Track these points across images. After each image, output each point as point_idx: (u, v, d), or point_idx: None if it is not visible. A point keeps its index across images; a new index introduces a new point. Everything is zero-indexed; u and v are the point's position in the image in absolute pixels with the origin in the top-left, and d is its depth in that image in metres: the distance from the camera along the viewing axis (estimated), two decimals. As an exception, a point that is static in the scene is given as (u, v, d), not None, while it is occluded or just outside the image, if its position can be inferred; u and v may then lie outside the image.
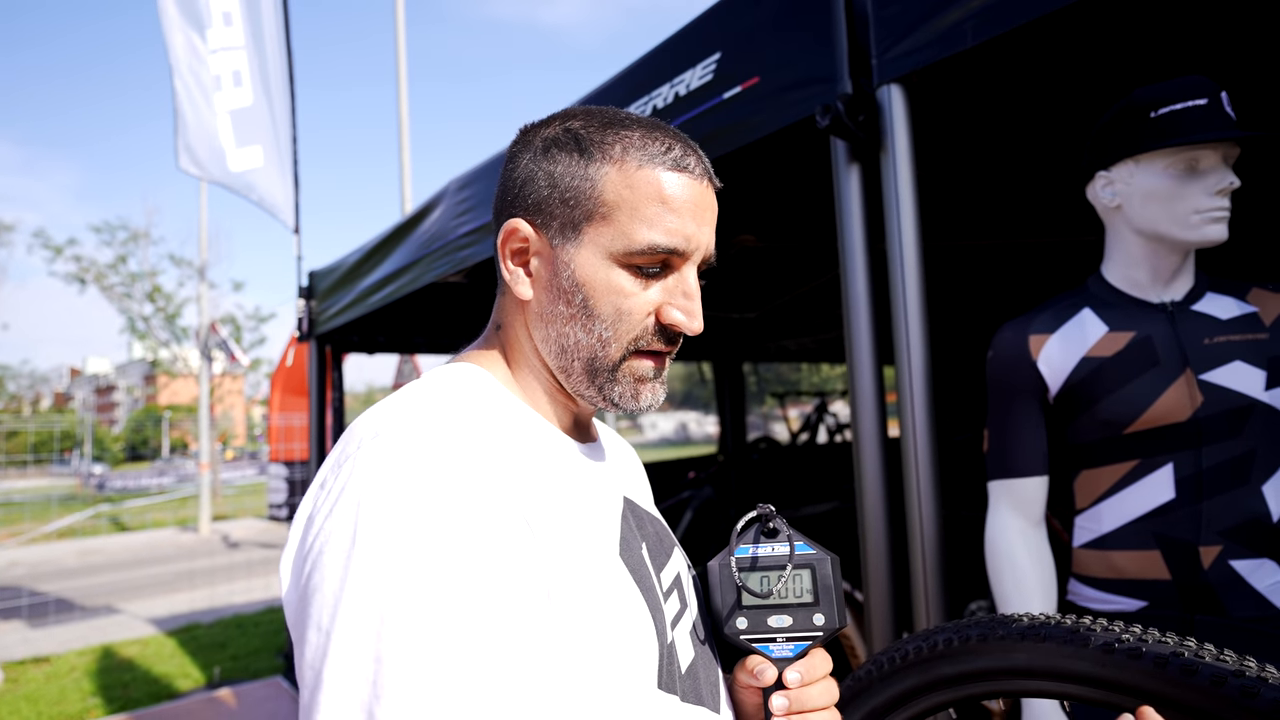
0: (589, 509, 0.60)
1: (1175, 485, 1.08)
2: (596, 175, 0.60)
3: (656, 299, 0.61)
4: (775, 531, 0.66)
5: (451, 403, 0.57)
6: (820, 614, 0.63)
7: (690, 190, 0.61)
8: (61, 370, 65.19)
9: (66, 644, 5.95)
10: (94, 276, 16.83)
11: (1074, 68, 1.66)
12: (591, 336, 0.61)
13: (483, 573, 0.46)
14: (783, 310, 4.65)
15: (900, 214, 1.31)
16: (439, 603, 0.44)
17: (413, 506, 0.47)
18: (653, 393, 0.64)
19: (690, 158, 0.62)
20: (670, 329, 0.62)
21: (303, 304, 4.06)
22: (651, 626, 0.58)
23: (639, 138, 0.61)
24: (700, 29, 1.71)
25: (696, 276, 0.63)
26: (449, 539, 0.46)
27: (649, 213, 0.59)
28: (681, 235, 0.60)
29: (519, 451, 0.57)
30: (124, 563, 10.17)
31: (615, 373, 0.62)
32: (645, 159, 0.60)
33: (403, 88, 8.43)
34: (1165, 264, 1.15)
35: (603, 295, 0.60)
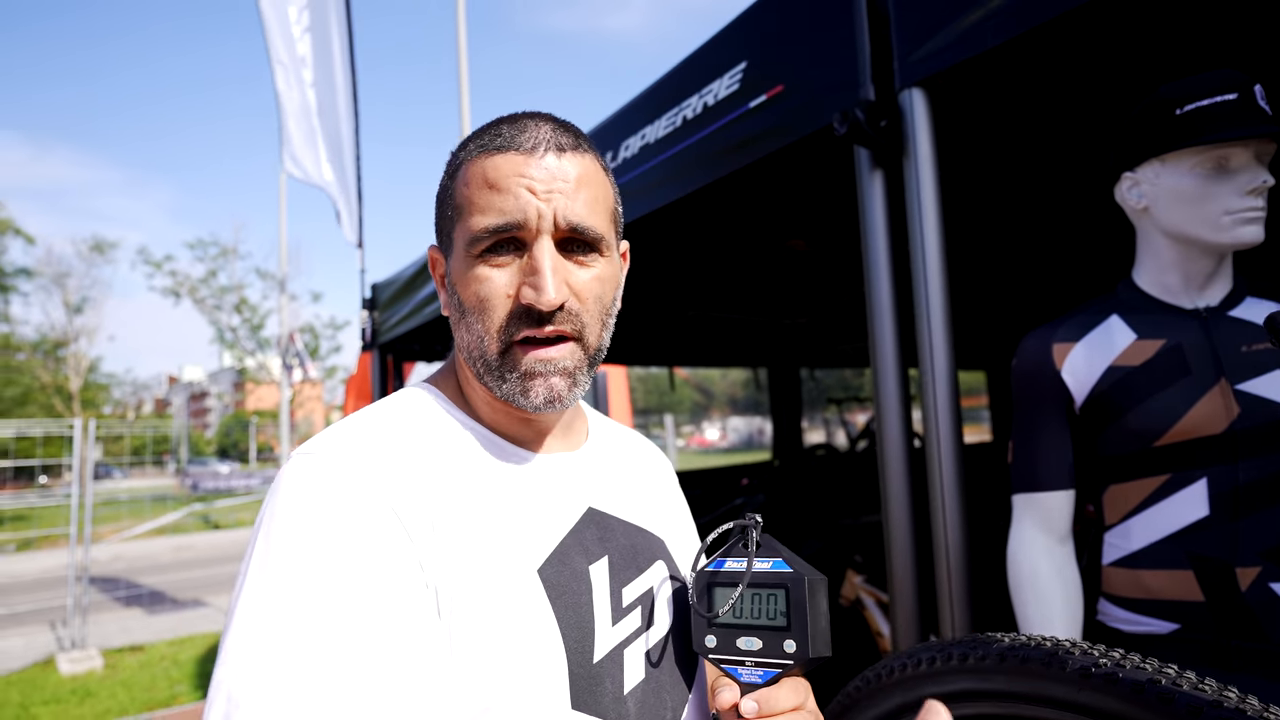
0: (518, 520, 0.60)
1: (1209, 501, 1.02)
2: (451, 185, 0.64)
3: (513, 281, 0.60)
4: (757, 546, 0.61)
5: (378, 424, 0.60)
6: (791, 640, 0.57)
7: (515, 164, 0.60)
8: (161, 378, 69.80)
9: (159, 634, 6.38)
10: (188, 290, 18.05)
11: (1099, 65, 1.58)
12: (472, 334, 0.62)
13: (346, 585, 0.49)
14: (838, 314, 4.57)
15: (923, 220, 1.29)
16: (298, 613, 0.48)
17: (294, 527, 0.51)
18: (547, 388, 0.61)
19: (522, 135, 0.61)
20: (529, 309, 0.60)
21: (365, 315, 4.25)
22: (559, 644, 0.57)
23: (476, 134, 0.63)
24: (727, 39, 1.72)
25: (551, 249, 0.60)
26: (320, 553, 0.50)
27: (480, 200, 0.60)
28: (512, 210, 0.59)
29: (431, 465, 0.59)
30: (213, 559, 10.82)
31: (501, 369, 0.61)
32: (476, 151, 0.62)
33: (465, 103, 8.67)
34: (1198, 268, 1.08)
35: (467, 290, 0.62)
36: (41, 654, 5.81)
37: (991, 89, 1.66)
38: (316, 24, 4.60)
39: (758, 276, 3.67)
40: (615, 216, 0.68)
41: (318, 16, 4.59)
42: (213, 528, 14.75)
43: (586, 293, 0.62)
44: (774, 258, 3.30)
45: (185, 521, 15.10)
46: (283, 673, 0.46)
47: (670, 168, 1.87)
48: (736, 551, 0.62)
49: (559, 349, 0.61)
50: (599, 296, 0.63)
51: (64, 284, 23.28)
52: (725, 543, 0.65)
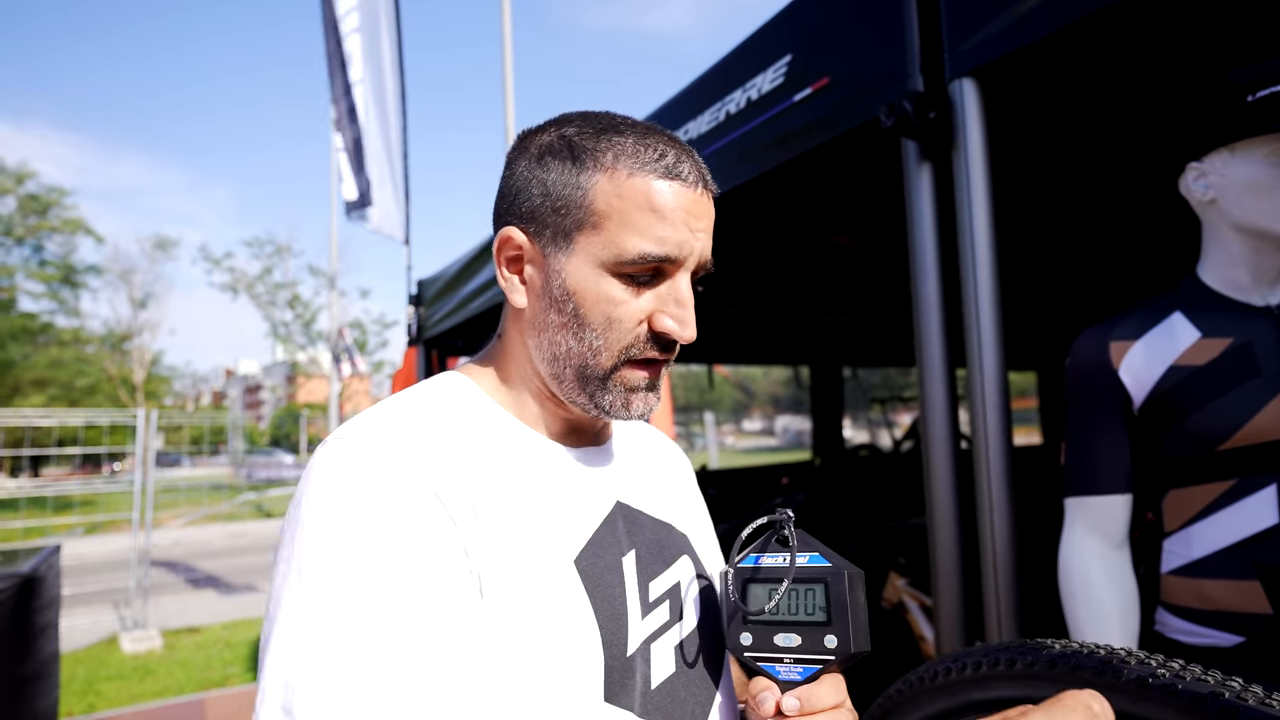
0: (554, 512, 0.61)
1: (1279, 509, 0.97)
2: (588, 184, 0.60)
3: (648, 307, 0.61)
4: (788, 540, 0.60)
5: (417, 411, 0.60)
6: (832, 635, 0.56)
7: (682, 197, 0.60)
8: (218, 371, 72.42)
9: (215, 616, 6.63)
10: (245, 286, 18.72)
11: (1160, 52, 1.51)
12: (583, 345, 0.61)
13: (400, 572, 0.49)
14: (884, 312, 4.48)
15: (973, 215, 1.25)
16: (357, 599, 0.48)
17: (343, 510, 0.51)
18: (644, 402, 0.63)
19: (684, 164, 0.61)
20: (662, 336, 0.61)
21: (412, 310, 4.34)
22: (597, 636, 0.58)
23: (631, 144, 0.60)
24: (771, 32, 1.70)
25: (690, 284, 0.62)
26: (371, 543, 0.50)
27: (639, 221, 0.59)
28: (673, 243, 0.59)
29: (473, 455, 0.59)
30: (265, 545, 11.20)
31: (607, 381, 0.62)
32: (636, 166, 0.59)
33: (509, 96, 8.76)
34: (1269, 263, 1.03)
35: (593, 304, 0.60)
36: (106, 633, 6.10)
37: (1046, 78, 1.61)
38: (366, 24, 4.69)
39: (801, 273, 3.62)
40: None
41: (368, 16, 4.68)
42: (265, 515, 15.26)
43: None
44: (818, 254, 3.25)
45: (239, 509, 15.65)
46: (340, 659, 0.46)
47: (713, 163, 1.86)
48: (771, 547, 0.61)
49: (660, 368, 0.64)
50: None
51: (129, 280, 24.38)
52: (756, 539, 0.64)
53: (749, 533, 0.63)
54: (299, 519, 0.52)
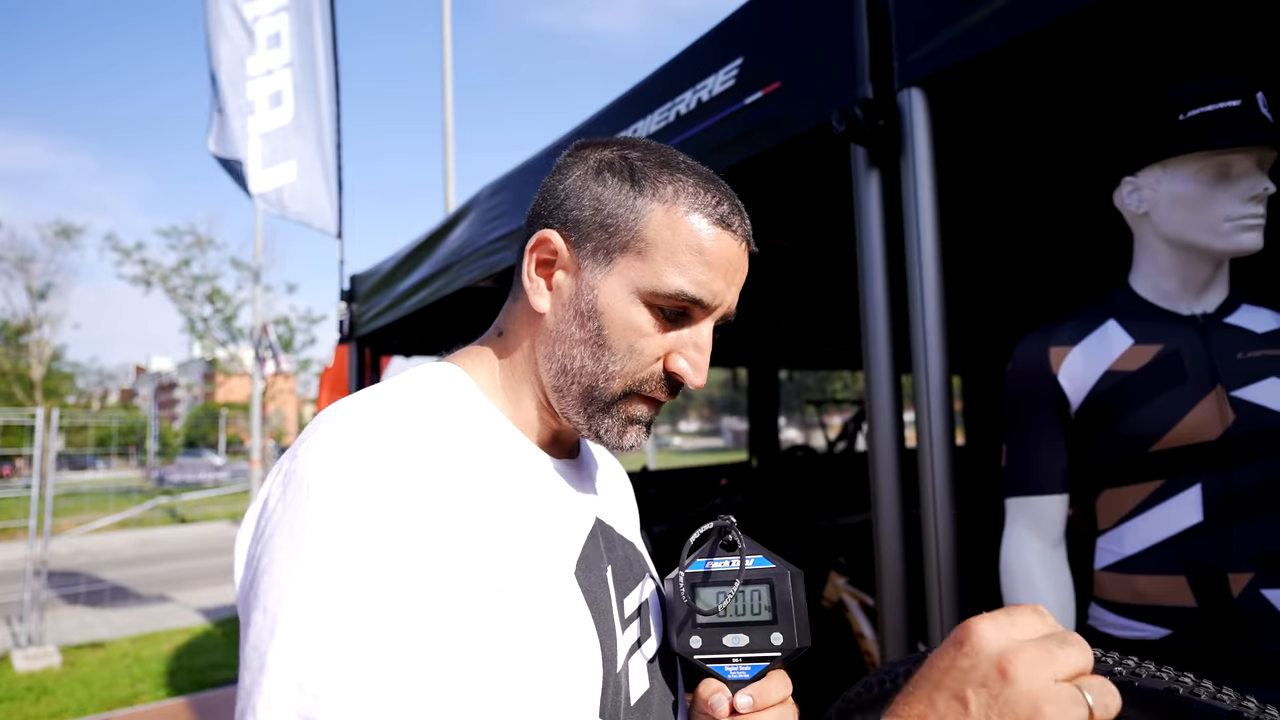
0: (550, 523, 0.59)
1: (1203, 507, 1.02)
2: (643, 209, 0.60)
3: (669, 344, 0.61)
4: (734, 544, 0.62)
5: (418, 400, 0.56)
6: (779, 633, 0.59)
7: (728, 248, 0.61)
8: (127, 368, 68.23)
9: (121, 630, 6.22)
10: (159, 278, 17.64)
11: (1100, 69, 1.59)
12: (598, 365, 0.61)
13: (427, 566, 0.46)
14: (820, 315, 4.58)
15: (919, 220, 1.28)
16: (383, 595, 0.44)
17: (361, 496, 0.46)
18: (638, 435, 0.64)
19: (736, 218, 0.62)
20: (673, 377, 0.62)
21: (344, 307, 4.17)
22: (598, 651, 0.57)
23: (693, 185, 0.61)
24: (722, 34, 1.70)
25: (712, 332, 0.63)
26: (394, 531, 0.46)
27: (684, 259, 0.59)
28: (710, 289, 0.60)
29: (477, 455, 0.56)
30: (178, 554, 10.60)
31: (611, 407, 0.62)
32: (694, 207, 0.60)
33: (448, 91, 8.59)
34: (1196, 274, 1.09)
35: (619, 328, 0.60)
36: (-3, 650, 5.63)
37: (991, 90, 1.66)
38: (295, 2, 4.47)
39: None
40: None
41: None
42: (179, 521, 14.42)
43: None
44: (757, 258, 3.29)
45: (150, 515, 14.75)
46: (369, 665, 0.42)
47: (662, 163, 1.84)
48: (718, 552, 0.63)
49: (659, 406, 0.64)
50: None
51: (27, 269, 22.61)
52: (701, 544, 0.66)
53: (695, 538, 0.64)
54: (302, 510, 0.46)
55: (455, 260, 2.96)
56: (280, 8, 4.49)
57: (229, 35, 4.42)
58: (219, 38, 4.40)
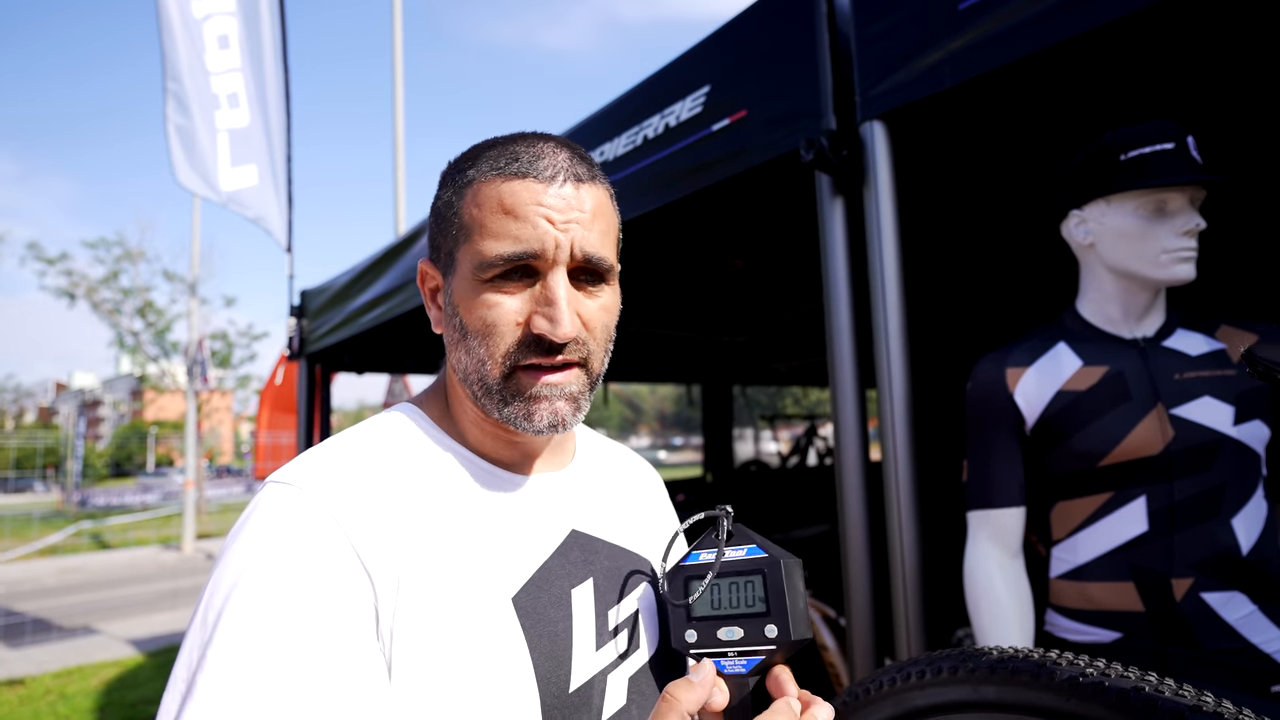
0: (496, 545, 0.60)
1: (1148, 517, 1.10)
2: (458, 201, 0.62)
3: (523, 308, 0.60)
4: (729, 535, 0.60)
5: (356, 450, 0.60)
6: (772, 625, 0.56)
7: (534, 193, 0.59)
8: (47, 385, 64.50)
9: (42, 665, 5.84)
10: (85, 291, 16.73)
11: (1050, 107, 1.71)
12: (472, 357, 0.61)
13: (295, 615, 0.50)
14: (773, 333, 4.69)
15: (882, 246, 1.34)
16: (252, 635, 0.48)
17: (259, 553, 0.52)
18: (552, 413, 0.61)
19: (542, 160, 0.60)
20: (540, 339, 0.59)
21: (294, 322, 4.06)
22: (530, 675, 0.57)
23: (492, 156, 0.61)
24: (690, 62, 1.75)
25: (565, 280, 0.60)
26: (276, 582, 0.50)
27: (494, 225, 0.59)
28: (530, 239, 0.58)
29: (409, 495, 0.58)
30: (104, 582, 10.01)
31: (504, 393, 0.61)
32: (491, 172, 0.60)
33: (399, 107, 8.50)
34: (1137, 301, 1.18)
35: (472, 313, 0.61)
36: (-99, 691, 5.22)
37: (949, 125, 1.76)
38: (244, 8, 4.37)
39: (698, 294, 3.73)
40: (618, 245, 0.69)
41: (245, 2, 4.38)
42: (103, 547, 13.66)
43: (594, 322, 0.63)
44: (714, 277, 3.36)
45: (73, 542, 13.93)
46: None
47: (628, 186, 1.88)
48: (709, 543, 0.62)
49: (565, 374, 0.61)
50: (605, 325, 0.64)
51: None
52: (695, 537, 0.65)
53: (685, 529, 0.64)
54: (224, 563, 0.53)
55: (413, 278, 2.93)
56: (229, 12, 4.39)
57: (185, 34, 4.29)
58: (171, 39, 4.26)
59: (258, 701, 0.46)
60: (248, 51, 4.41)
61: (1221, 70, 1.53)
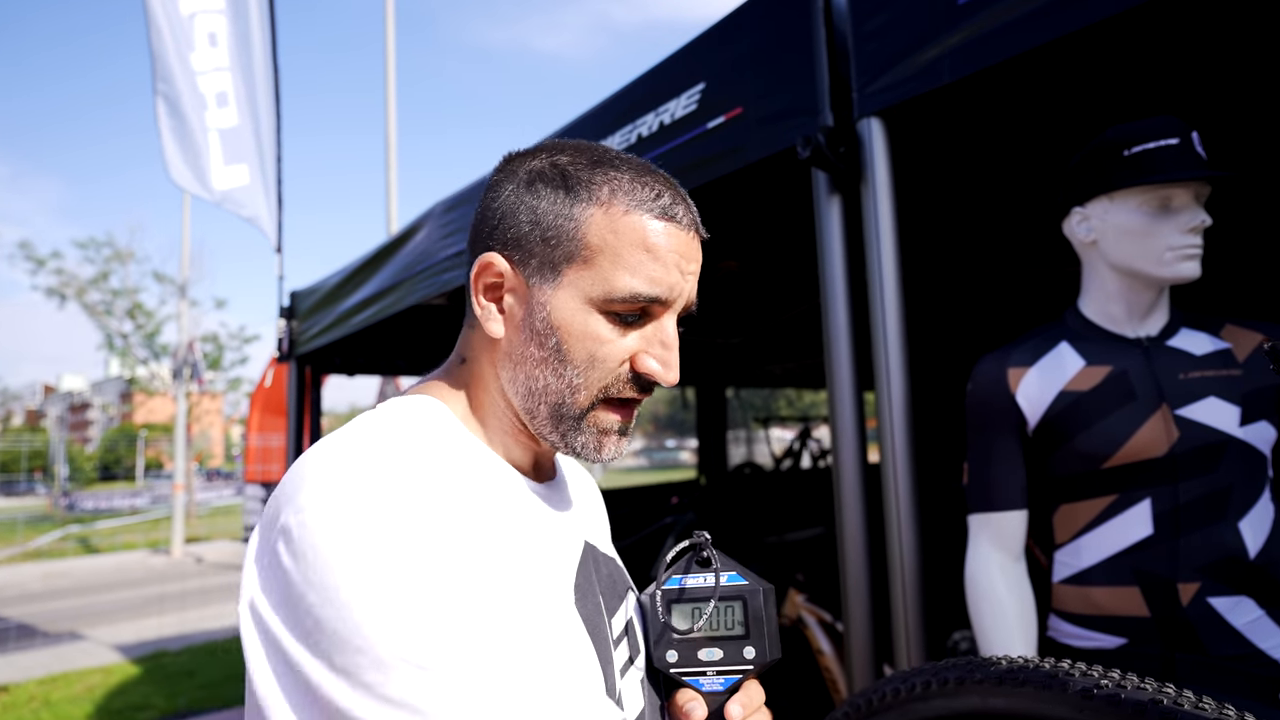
0: (544, 552, 0.59)
1: (1153, 520, 1.08)
2: (581, 216, 0.58)
3: (633, 346, 0.59)
4: (708, 561, 0.65)
5: (402, 435, 0.55)
6: (751, 647, 0.62)
7: (676, 240, 0.59)
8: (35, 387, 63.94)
9: (27, 672, 5.75)
10: (75, 292, 16.59)
11: (1050, 104, 1.70)
12: (561, 382, 0.59)
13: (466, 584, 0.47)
14: (767, 335, 4.67)
15: (880, 244, 1.32)
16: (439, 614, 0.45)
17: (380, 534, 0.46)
18: (615, 445, 0.62)
19: (679, 206, 0.60)
20: (645, 378, 0.60)
21: (283, 324, 4.01)
22: (602, 682, 0.57)
23: (628, 181, 0.59)
24: (685, 59, 1.73)
25: (676, 326, 0.61)
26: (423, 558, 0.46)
27: (633, 260, 0.57)
28: (665, 285, 0.58)
29: (467, 486, 0.55)
30: (91, 586, 9.90)
31: (581, 421, 0.60)
32: (633, 204, 0.58)
33: (391, 109, 8.46)
34: (1140, 299, 1.16)
35: (578, 340, 0.58)
36: (-118, 698, 5.13)
37: (948, 121, 1.74)
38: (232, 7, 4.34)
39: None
40: None
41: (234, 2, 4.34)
42: (90, 551, 13.51)
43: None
44: (709, 277, 3.34)
45: (59, 546, 13.78)
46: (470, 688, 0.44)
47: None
48: (693, 569, 0.66)
49: (633, 410, 0.63)
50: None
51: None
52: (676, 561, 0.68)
53: (672, 555, 0.66)
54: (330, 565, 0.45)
55: (407, 276, 2.89)
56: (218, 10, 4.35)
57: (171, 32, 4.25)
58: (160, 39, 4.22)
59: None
60: (236, 50, 4.37)
61: (1225, 65, 1.52)
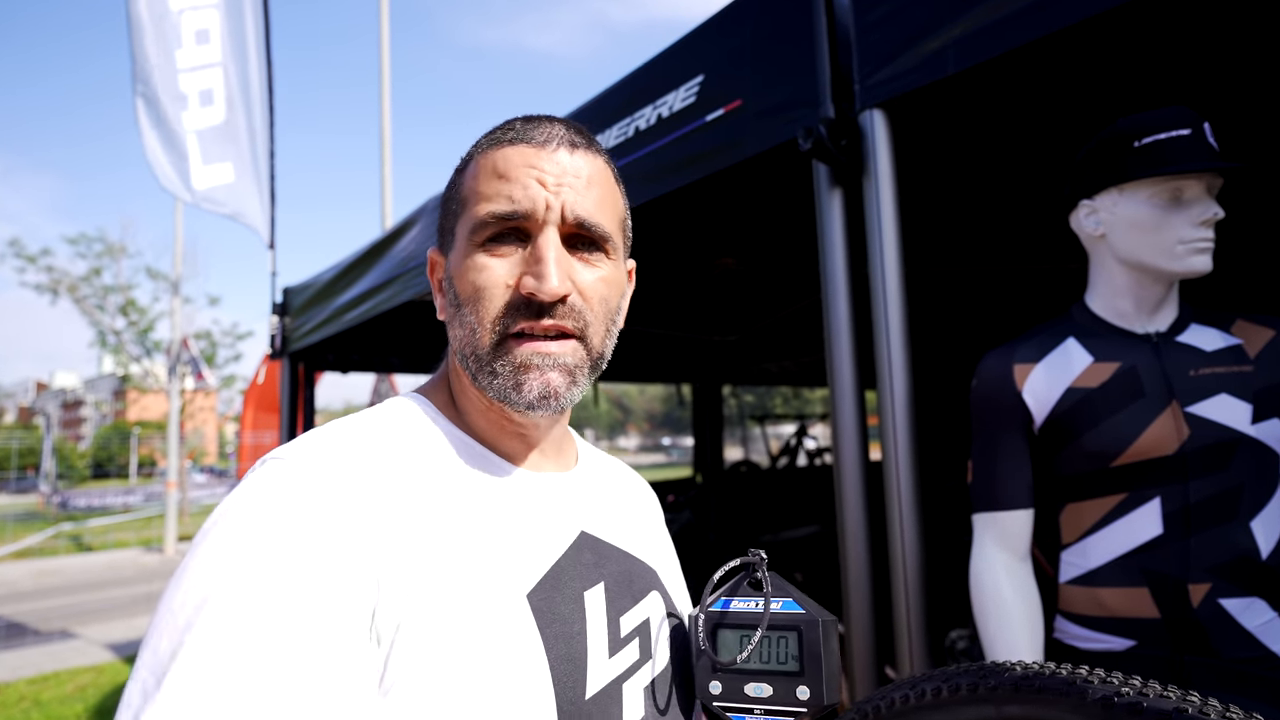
0: (509, 540, 0.57)
1: (1163, 520, 1.06)
2: (459, 180, 0.63)
3: (513, 271, 0.58)
4: (760, 584, 0.58)
5: (361, 433, 0.56)
6: (805, 686, 0.54)
7: (527, 156, 0.59)
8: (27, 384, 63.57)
9: (17, 671, 5.70)
10: (67, 288, 16.47)
11: (1057, 95, 1.67)
12: (464, 327, 0.59)
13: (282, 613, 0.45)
14: (764, 332, 4.64)
15: (882, 238, 1.30)
16: (231, 634, 0.43)
17: (248, 535, 0.47)
18: (543, 383, 0.58)
19: (537, 129, 0.60)
20: (530, 299, 0.57)
21: (276, 320, 3.97)
22: (548, 678, 0.53)
23: (490, 132, 0.62)
24: (683, 51, 1.70)
25: (556, 241, 0.58)
26: (264, 572, 0.45)
27: (487, 189, 0.59)
28: (519, 198, 0.58)
29: (414, 479, 0.55)
30: (83, 585, 9.83)
31: (494, 362, 0.58)
32: (489, 144, 0.61)
33: (385, 105, 8.40)
34: (1150, 294, 1.13)
35: (464, 279, 0.59)
36: None
37: (951, 113, 1.71)
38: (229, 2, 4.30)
39: (689, 292, 3.68)
40: (624, 225, 0.68)
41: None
42: (83, 550, 13.42)
43: (591, 292, 0.60)
44: (706, 274, 3.31)
45: (51, 544, 13.69)
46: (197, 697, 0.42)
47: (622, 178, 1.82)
48: (743, 591, 0.59)
49: (559, 344, 0.59)
50: (604, 298, 0.61)
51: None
52: (727, 581, 0.62)
53: (721, 575, 0.60)
54: (205, 552, 0.47)
55: (401, 272, 2.86)
56: (211, 4, 4.31)
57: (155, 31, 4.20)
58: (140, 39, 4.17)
59: (226, 709, 0.41)
60: (230, 45, 4.32)
61: (1237, 55, 1.49)
